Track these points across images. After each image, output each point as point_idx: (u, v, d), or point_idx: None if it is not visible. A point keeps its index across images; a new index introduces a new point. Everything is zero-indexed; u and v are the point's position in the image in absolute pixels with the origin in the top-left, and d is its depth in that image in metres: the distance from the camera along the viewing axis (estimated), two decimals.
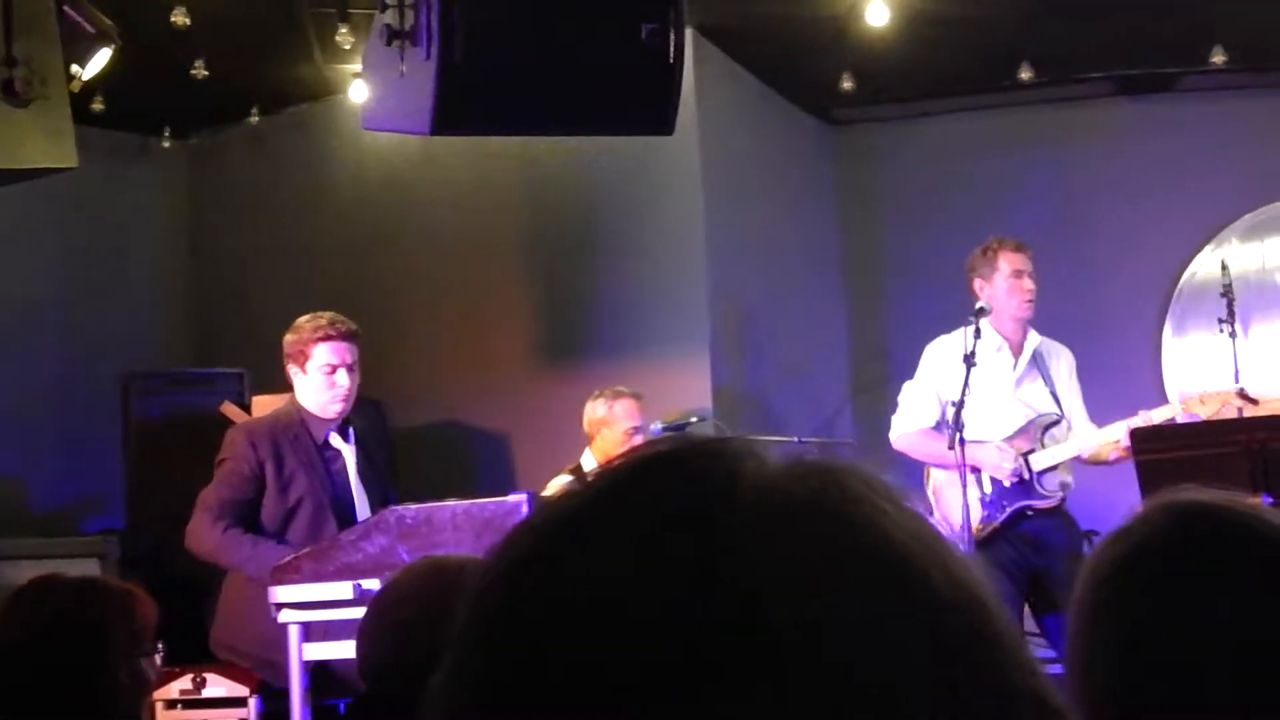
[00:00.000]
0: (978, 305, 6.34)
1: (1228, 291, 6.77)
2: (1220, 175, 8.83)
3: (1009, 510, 6.39)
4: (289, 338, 5.82)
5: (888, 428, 6.70)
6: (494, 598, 0.82)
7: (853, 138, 9.17)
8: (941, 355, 6.51)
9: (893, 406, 6.80)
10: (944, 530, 6.42)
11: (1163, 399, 8.62)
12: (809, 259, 8.89)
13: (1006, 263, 6.51)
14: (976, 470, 6.38)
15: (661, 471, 0.83)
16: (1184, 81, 8.74)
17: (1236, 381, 6.65)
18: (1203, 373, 8.66)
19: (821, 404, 8.65)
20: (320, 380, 5.75)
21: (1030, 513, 6.40)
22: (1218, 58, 8.12)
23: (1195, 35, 7.98)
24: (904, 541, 0.79)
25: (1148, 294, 8.78)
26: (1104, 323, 7.11)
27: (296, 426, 5.75)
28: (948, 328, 6.66)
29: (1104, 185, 8.81)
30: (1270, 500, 5.21)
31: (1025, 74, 8.25)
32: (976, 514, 6.35)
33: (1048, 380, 6.59)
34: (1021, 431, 6.52)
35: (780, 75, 8.40)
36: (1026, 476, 6.40)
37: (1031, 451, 6.43)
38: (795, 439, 7.27)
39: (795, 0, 7.13)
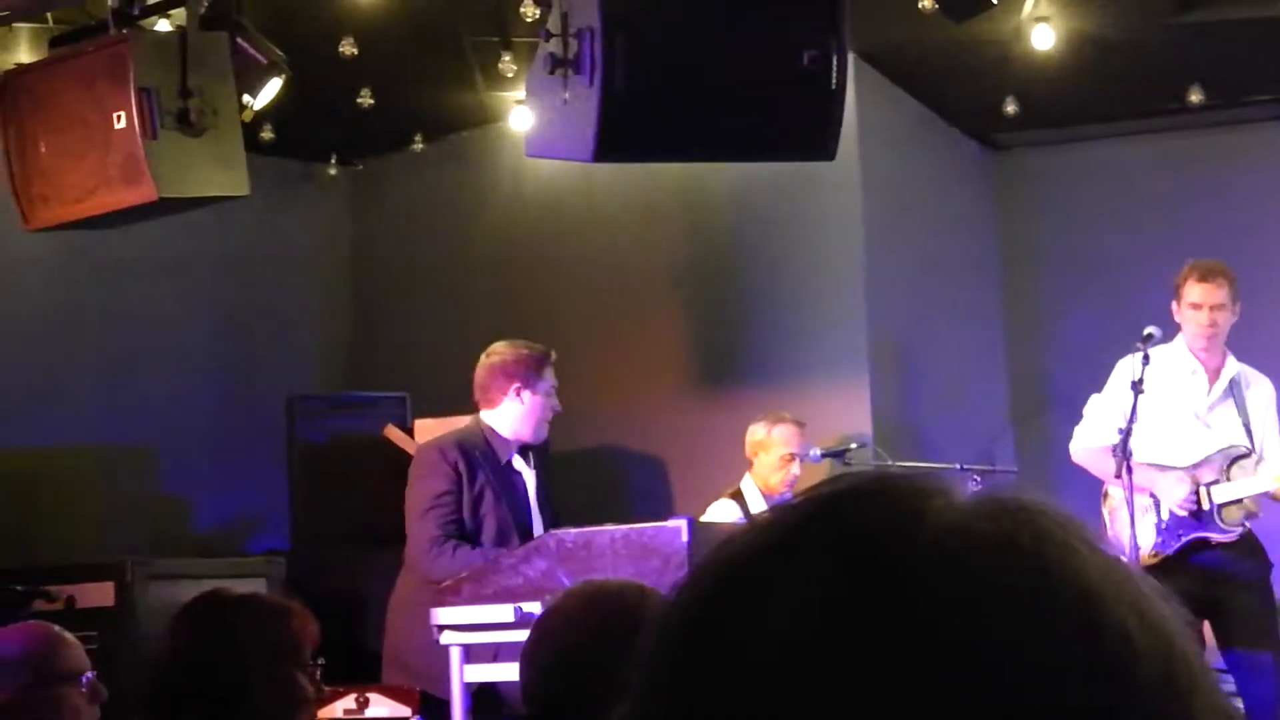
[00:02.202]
0: (1146, 331, 6.23)
1: None
2: None
3: (1184, 540, 6.25)
4: (509, 357, 5.90)
5: (1048, 456, 6.61)
6: (674, 651, 0.81)
7: (1014, 162, 9.07)
8: (1129, 373, 6.34)
9: (1053, 434, 6.72)
10: (1118, 551, 6.32)
11: None
12: (968, 285, 8.80)
13: (1188, 293, 6.41)
14: (1155, 496, 6.29)
15: (842, 511, 0.82)
16: None
17: None
18: None
19: (981, 431, 8.56)
20: (543, 402, 5.85)
21: (1209, 544, 6.24)
22: None
23: None
24: (1098, 584, 0.78)
25: None
26: (1270, 355, 6.96)
27: (483, 445, 5.83)
28: (1107, 355, 6.57)
29: (1271, 211, 8.61)
30: None
31: (1194, 97, 8.11)
32: (1151, 540, 6.25)
33: (1242, 410, 6.44)
34: (1207, 461, 6.36)
35: (942, 99, 8.35)
36: (1206, 507, 6.23)
37: (1216, 483, 6.27)
38: (957, 466, 7.19)
39: (956, 25, 7.08)
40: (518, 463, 5.93)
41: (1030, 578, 0.77)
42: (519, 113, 7.49)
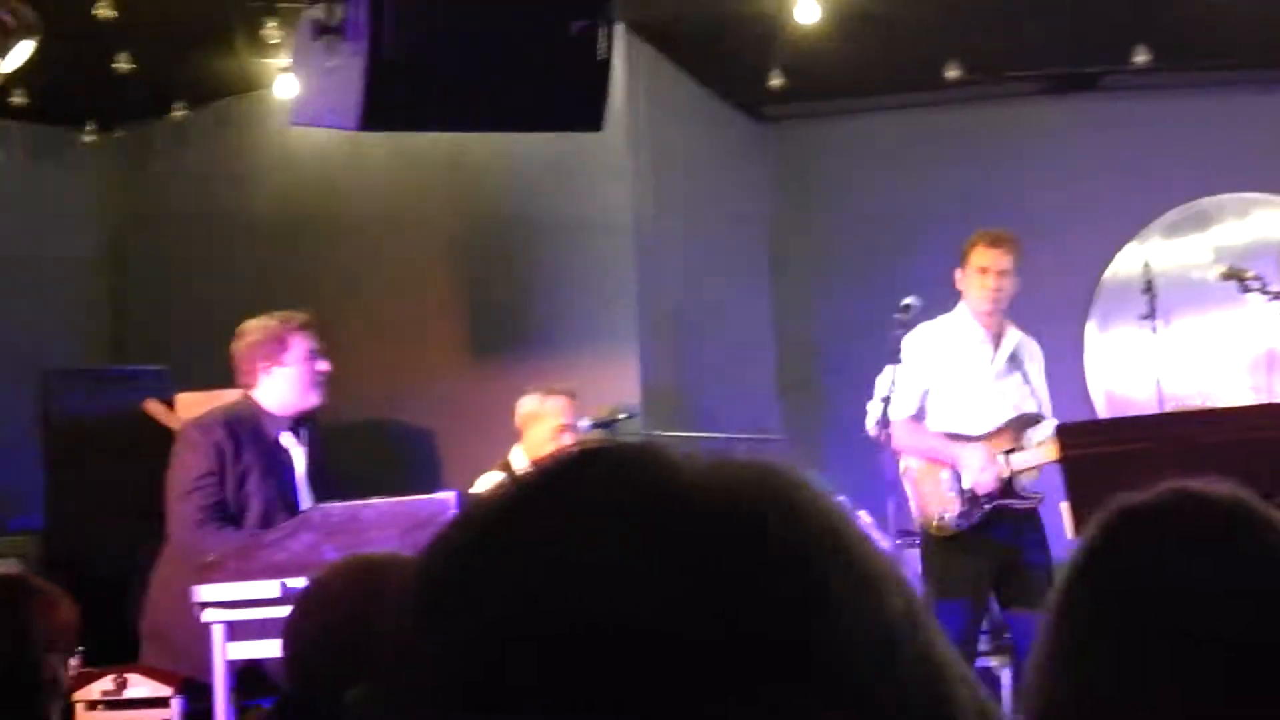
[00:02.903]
0: (904, 302, 6.32)
1: (1150, 288, 6.82)
2: (1143, 173, 8.92)
3: (986, 508, 6.31)
4: (256, 336, 5.76)
5: (818, 424, 6.70)
6: (435, 607, 0.81)
7: (783, 135, 9.19)
8: (921, 343, 6.43)
9: (822, 403, 6.83)
10: (919, 522, 6.43)
11: (1086, 395, 8.72)
12: (738, 256, 8.90)
13: (976, 257, 6.47)
14: (955, 469, 6.35)
15: (594, 466, 0.83)
16: (1108, 81, 8.82)
17: (1157, 378, 6.70)
18: (1125, 368, 8.76)
19: (751, 402, 8.67)
20: (302, 369, 5.73)
21: (1008, 512, 6.33)
22: (1140, 58, 8.19)
23: (1119, 35, 8.06)
24: (817, 537, 0.82)
25: (1072, 291, 8.84)
26: (1029, 319, 7.15)
27: (252, 422, 5.70)
28: (875, 325, 6.68)
29: (1029, 183, 8.87)
30: None
31: (953, 73, 8.30)
32: (955, 511, 6.31)
33: (1025, 375, 6.56)
34: (1004, 429, 6.45)
35: (711, 72, 8.40)
36: (1006, 475, 6.32)
37: (1012, 450, 6.37)
38: (725, 436, 7.27)
39: (723, 1, 7.13)
40: (287, 440, 5.82)
41: (756, 531, 0.81)
42: (284, 80, 7.33)
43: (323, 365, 5.82)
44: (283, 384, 5.77)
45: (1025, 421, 6.45)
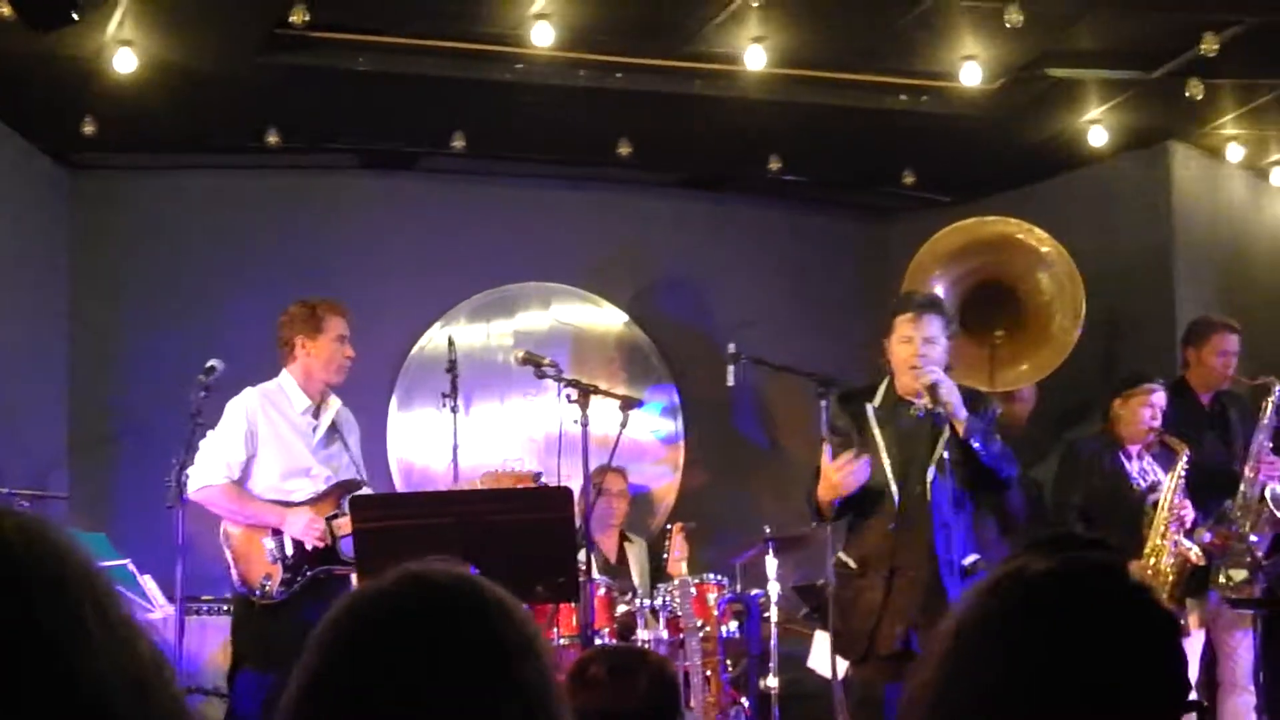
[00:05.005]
0: (209, 364, 6.36)
1: (453, 368, 7.01)
2: (453, 255, 9.18)
3: (309, 574, 6.43)
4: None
5: (109, 485, 6.46)
6: None
7: (95, 184, 8.82)
8: (245, 409, 6.53)
9: (115, 464, 6.57)
10: (242, 588, 6.34)
11: (386, 470, 8.85)
12: (34, 305, 8.45)
13: (334, 325, 6.69)
14: (280, 532, 6.45)
15: None
16: (426, 162, 9.04)
17: (455, 455, 6.88)
18: (425, 446, 8.95)
19: (38, 457, 8.23)
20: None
21: (333, 576, 6.45)
22: (458, 142, 8.45)
23: (439, 119, 8.27)
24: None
25: (381, 366, 8.95)
26: (339, 391, 7.18)
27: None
28: (179, 387, 6.55)
29: (343, 255, 8.93)
30: (476, 570, 5.40)
31: (272, 138, 8.26)
32: (278, 577, 6.40)
33: (346, 445, 6.73)
34: (327, 495, 6.59)
35: (18, 112, 7.96)
36: (329, 542, 6.45)
37: (336, 516, 6.49)
38: (6, 491, 6.88)
39: (38, 38, 6.78)
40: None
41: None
42: None
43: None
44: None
45: (347, 487, 6.60)
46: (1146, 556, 7.14)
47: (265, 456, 6.60)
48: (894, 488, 6.26)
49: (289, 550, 6.45)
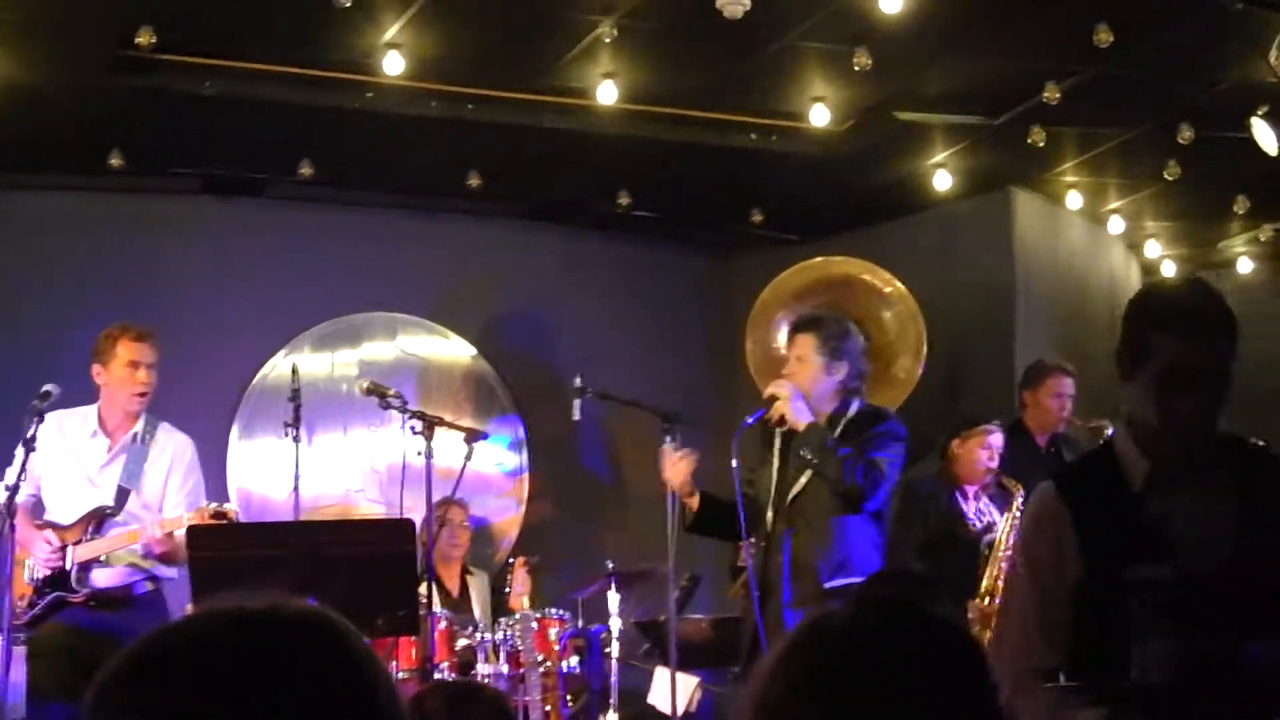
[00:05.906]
0: (44, 389, 6.27)
1: (296, 396, 6.92)
2: (299, 283, 9.07)
3: (47, 599, 6.42)
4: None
5: None
6: None
7: None
8: (43, 433, 6.38)
9: None
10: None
11: (225, 499, 8.69)
12: None
13: (125, 351, 6.60)
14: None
15: None
16: (273, 188, 8.92)
17: (296, 485, 6.79)
18: (266, 475, 8.82)
19: None
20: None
21: (76, 602, 6.42)
22: (305, 169, 8.36)
23: (287, 145, 8.18)
24: None
25: (222, 393, 8.83)
26: (179, 418, 7.06)
27: None
28: (14, 409, 6.44)
29: (187, 280, 8.79)
30: (315, 602, 5.36)
31: (116, 160, 8.11)
32: (28, 597, 6.41)
33: (138, 470, 6.63)
34: (79, 521, 6.54)
35: None
36: (66, 567, 6.42)
37: (79, 542, 6.47)
38: None
39: None
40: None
41: None
42: None
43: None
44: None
45: (99, 514, 6.56)
46: (981, 596, 7.24)
47: (46, 480, 6.63)
48: (770, 510, 6.29)
49: (38, 573, 6.48)
